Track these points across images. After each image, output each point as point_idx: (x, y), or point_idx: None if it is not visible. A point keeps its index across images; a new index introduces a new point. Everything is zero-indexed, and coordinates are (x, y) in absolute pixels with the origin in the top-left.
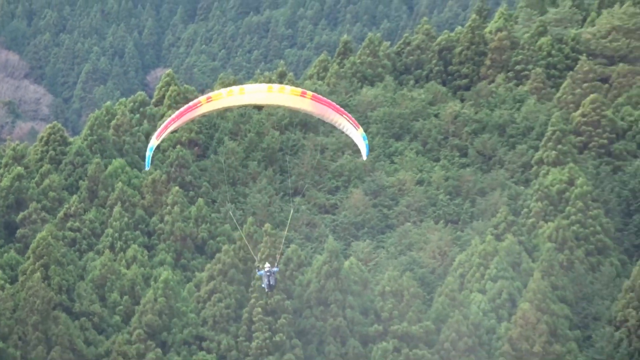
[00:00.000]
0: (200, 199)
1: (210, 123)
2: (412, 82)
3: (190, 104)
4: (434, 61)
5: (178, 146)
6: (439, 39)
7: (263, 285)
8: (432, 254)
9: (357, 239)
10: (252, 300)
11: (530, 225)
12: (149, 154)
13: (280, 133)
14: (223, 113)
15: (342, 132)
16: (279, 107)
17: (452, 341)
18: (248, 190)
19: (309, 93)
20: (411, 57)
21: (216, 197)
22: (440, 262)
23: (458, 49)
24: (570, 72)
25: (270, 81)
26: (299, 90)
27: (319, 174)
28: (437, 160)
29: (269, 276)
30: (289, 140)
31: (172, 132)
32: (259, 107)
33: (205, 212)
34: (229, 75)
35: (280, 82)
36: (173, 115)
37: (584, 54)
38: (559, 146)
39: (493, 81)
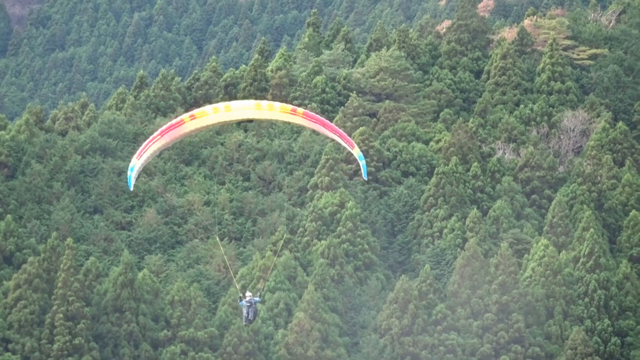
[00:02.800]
0: (8, 215)
1: (18, 147)
2: None
3: (173, 122)
4: (220, 95)
5: None
6: (225, 76)
7: (244, 322)
8: (217, 267)
9: (150, 253)
10: (54, 307)
11: (305, 243)
12: (129, 173)
13: (82, 157)
14: (203, 132)
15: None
16: (271, 120)
17: (234, 346)
18: (52, 207)
19: (299, 110)
20: (200, 92)
21: (23, 213)
22: (225, 275)
23: (242, 85)
24: (342, 107)
25: (73, 111)
26: (289, 107)
27: (116, 194)
28: (223, 183)
29: (248, 307)
30: (90, 163)
31: (158, 153)
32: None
33: (13, 227)
34: (36, 104)
35: (82, 112)
36: (154, 134)
37: (354, 92)
38: (332, 173)
39: None
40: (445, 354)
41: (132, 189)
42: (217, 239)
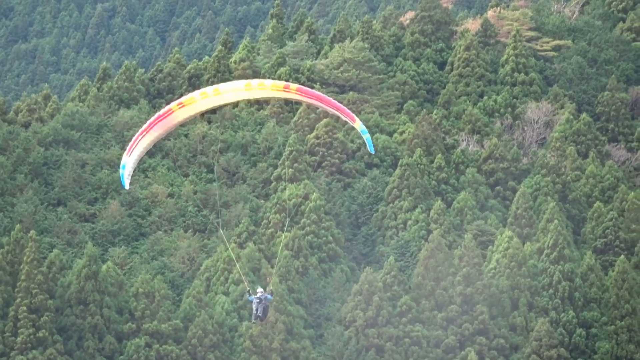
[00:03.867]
0: None
1: None
2: (164, 105)
3: (161, 112)
4: (184, 87)
5: None
6: (188, 67)
7: (252, 320)
8: (182, 260)
9: (114, 245)
10: (18, 300)
11: (269, 235)
12: (121, 172)
13: (45, 149)
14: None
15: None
16: (264, 99)
17: (198, 338)
18: (16, 200)
19: (293, 86)
20: (163, 83)
21: None
22: (189, 267)
23: (206, 77)
24: None
25: (36, 102)
26: (281, 84)
27: (79, 186)
28: (187, 175)
29: (258, 303)
30: (53, 155)
31: (150, 146)
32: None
33: None
34: None
35: (45, 104)
36: (142, 128)
37: (318, 83)
38: (296, 164)
39: (237, 105)
40: (410, 346)
41: (127, 187)
42: (221, 231)
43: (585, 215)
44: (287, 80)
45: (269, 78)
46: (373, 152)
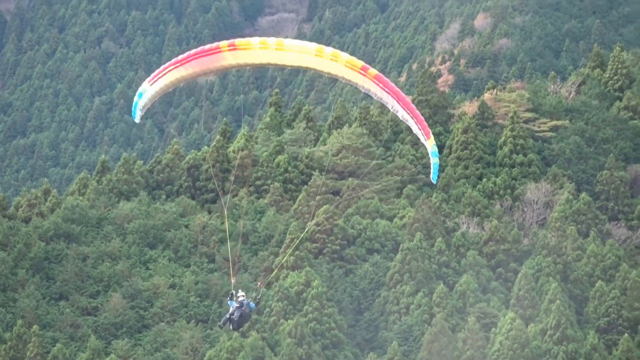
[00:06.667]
0: None
1: None
2: (164, 196)
3: (207, 47)
4: (183, 177)
5: None
6: (187, 158)
7: (221, 323)
8: (185, 350)
9: (117, 338)
10: None
11: (272, 323)
12: (136, 100)
13: (46, 244)
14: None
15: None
16: (331, 75)
17: None
18: (17, 295)
19: (372, 71)
20: (162, 175)
21: None
22: (192, 358)
23: (205, 167)
24: (305, 186)
25: (36, 197)
26: (359, 63)
27: (81, 280)
28: (188, 266)
29: (237, 308)
30: (54, 250)
31: (177, 84)
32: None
33: None
34: None
35: (45, 199)
36: (177, 58)
37: (317, 170)
38: (297, 252)
39: (237, 195)
40: None
41: (137, 121)
42: (226, 224)
43: (587, 295)
44: (286, 168)
45: (267, 167)
46: (435, 182)
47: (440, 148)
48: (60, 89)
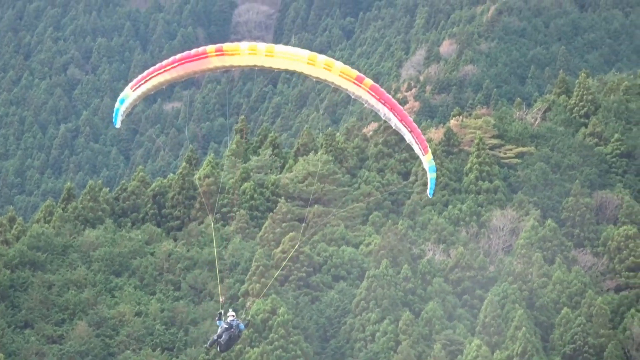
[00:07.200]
0: None
1: None
2: (129, 224)
3: (193, 52)
4: (148, 205)
5: None
6: (153, 185)
7: (207, 344)
8: None
9: None
10: None
11: (238, 351)
12: (117, 106)
13: (11, 272)
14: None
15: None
16: (324, 82)
17: None
18: None
19: (367, 81)
20: (128, 202)
21: None
22: None
23: (170, 194)
24: (271, 213)
25: (1, 225)
26: (354, 73)
27: (46, 308)
28: (154, 293)
29: (226, 329)
30: (19, 278)
31: (160, 86)
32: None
33: None
34: None
35: (11, 226)
36: (162, 63)
37: (283, 197)
38: (263, 279)
39: (202, 222)
40: None
41: (118, 126)
42: (212, 224)
43: (553, 322)
44: (252, 195)
45: (233, 194)
46: (431, 196)
47: (406, 175)
48: (25, 116)
